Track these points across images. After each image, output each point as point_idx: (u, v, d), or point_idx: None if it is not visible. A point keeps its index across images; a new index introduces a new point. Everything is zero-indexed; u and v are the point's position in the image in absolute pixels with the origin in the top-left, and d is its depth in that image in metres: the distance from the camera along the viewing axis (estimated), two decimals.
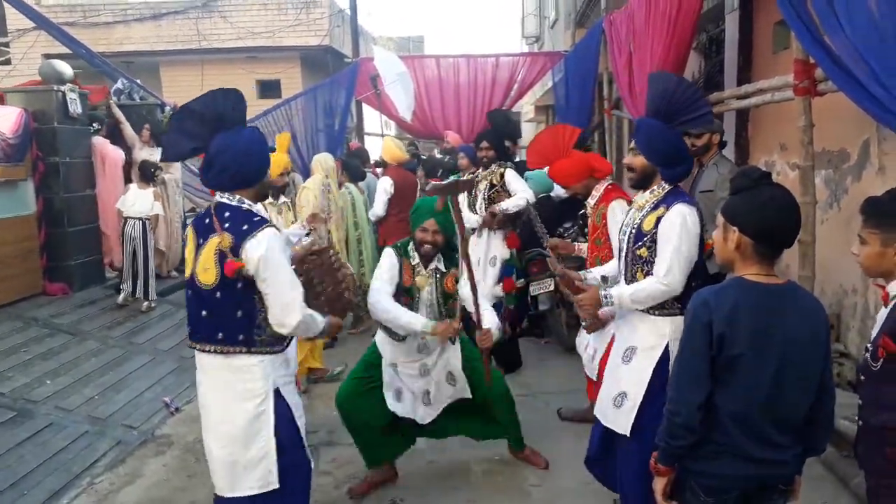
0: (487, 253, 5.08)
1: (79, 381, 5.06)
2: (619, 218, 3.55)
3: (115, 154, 7.63)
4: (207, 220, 2.57)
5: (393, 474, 3.69)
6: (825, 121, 3.94)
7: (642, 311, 2.76)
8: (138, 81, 8.89)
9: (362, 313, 6.35)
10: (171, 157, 2.80)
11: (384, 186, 6.33)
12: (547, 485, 3.60)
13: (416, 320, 3.27)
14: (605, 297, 2.83)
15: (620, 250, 2.97)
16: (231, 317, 2.53)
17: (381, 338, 3.54)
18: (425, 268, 3.44)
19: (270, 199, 4.49)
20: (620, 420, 2.78)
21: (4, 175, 6.37)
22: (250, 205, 2.59)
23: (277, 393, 2.59)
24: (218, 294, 2.52)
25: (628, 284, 2.87)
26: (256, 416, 2.55)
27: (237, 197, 2.58)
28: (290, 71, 14.83)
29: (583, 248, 4.01)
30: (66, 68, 7.07)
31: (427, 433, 3.72)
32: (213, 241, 2.51)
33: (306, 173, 7.79)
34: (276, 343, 2.61)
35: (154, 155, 7.39)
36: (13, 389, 4.73)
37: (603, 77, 7.88)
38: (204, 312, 2.56)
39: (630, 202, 3.21)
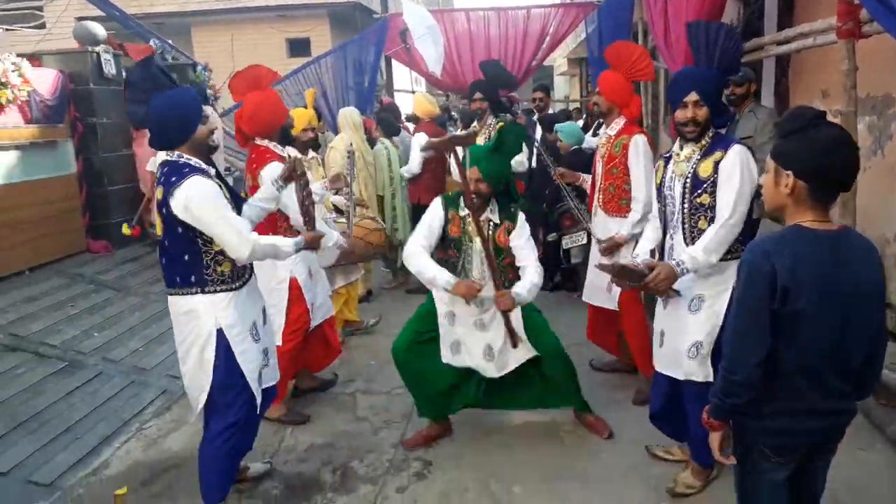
0: None
1: (124, 335, 5.24)
2: (642, 150, 3.77)
3: None
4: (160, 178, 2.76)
5: (448, 428, 3.68)
6: (869, 65, 3.81)
7: None
8: (170, 42, 8.93)
9: (398, 269, 6.40)
10: (135, 124, 2.98)
11: (420, 143, 6.23)
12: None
13: (440, 276, 3.22)
14: (679, 266, 2.76)
15: (666, 206, 2.95)
16: (180, 260, 2.74)
17: (435, 292, 3.46)
18: (476, 219, 3.29)
19: (299, 155, 4.52)
20: (700, 369, 2.79)
21: (44, 136, 6.52)
22: (188, 158, 2.75)
23: (220, 333, 2.77)
24: (167, 242, 2.76)
25: (688, 237, 2.84)
26: (200, 354, 2.78)
27: (177, 153, 2.76)
28: (319, 29, 14.74)
29: (587, 178, 4.23)
30: (99, 30, 7.15)
31: (490, 404, 3.61)
32: (158, 196, 2.72)
33: (337, 131, 7.80)
34: (231, 280, 2.80)
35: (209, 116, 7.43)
36: (63, 342, 4.93)
37: (638, 27, 7.68)
38: (164, 260, 2.81)
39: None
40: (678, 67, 5.72)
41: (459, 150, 3.69)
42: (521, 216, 3.39)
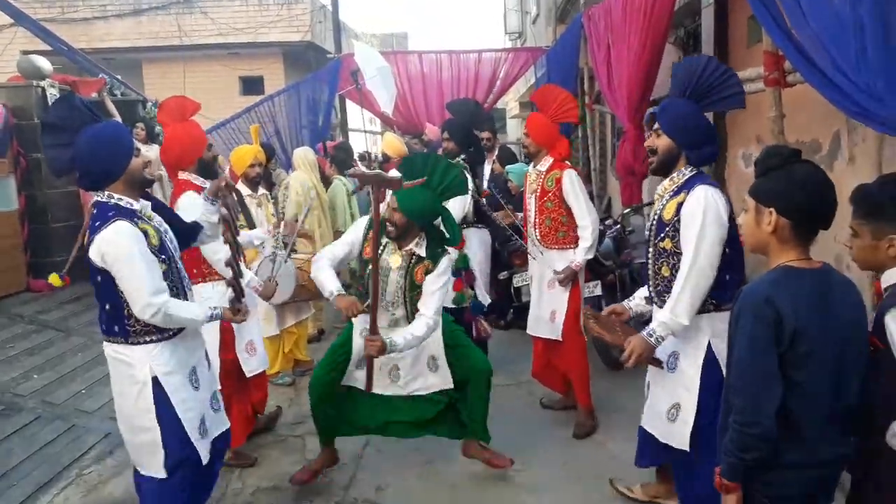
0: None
1: (65, 376, 5.09)
2: (577, 181, 3.94)
3: None
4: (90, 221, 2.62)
5: (335, 457, 3.62)
6: (797, 112, 4.04)
7: None
8: (119, 77, 8.86)
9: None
10: (57, 172, 2.71)
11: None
12: (530, 470, 3.68)
13: (326, 285, 3.24)
14: (651, 335, 2.61)
15: (647, 247, 2.83)
16: (104, 309, 2.59)
17: None
18: (400, 248, 3.28)
19: (249, 192, 4.51)
20: (676, 434, 2.67)
21: None
22: (119, 198, 2.58)
23: (156, 381, 2.59)
24: (94, 289, 2.61)
25: (651, 285, 2.75)
26: (136, 403, 2.59)
27: (107, 193, 2.58)
28: (272, 67, 14.78)
29: (519, 215, 4.40)
30: (44, 63, 7.07)
31: (385, 431, 3.55)
32: (85, 241, 2.59)
33: (291, 169, 7.81)
34: (157, 332, 2.60)
35: (150, 153, 7.35)
36: (0, 384, 4.75)
37: (584, 72, 7.96)
38: (96, 306, 2.65)
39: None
40: (621, 111, 5.97)
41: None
42: (445, 263, 3.28)
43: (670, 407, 2.70)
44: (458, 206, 4.42)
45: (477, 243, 4.97)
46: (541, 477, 3.61)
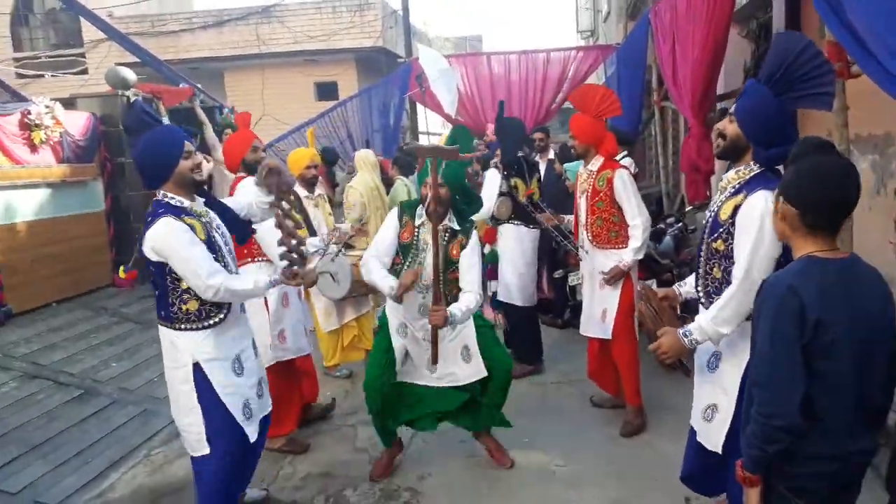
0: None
1: (140, 365, 5.41)
2: (628, 181, 3.90)
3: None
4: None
5: (400, 447, 3.77)
6: (868, 104, 3.85)
7: None
8: (199, 85, 9.32)
9: None
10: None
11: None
12: (574, 465, 3.67)
13: (382, 283, 3.30)
14: (686, 336, 2.44)
15: (700, 241, 2.65)
16: (156, 296, 2.81)
17: (388, 304, 3.54)
18: (434, 226, 3.33)
19: (306, 193, 4.69)
20: (711, 435, 2.56)
21: (75, 175, 6.85)
22: (171, 197, 2.77)
23: (197, 367, 2.76)
24: (150, 277, 2.84)
25: (700, 282, 2.60)
26: (181, 385, 2.79)
27: (162, 192, 2.79)
28: (346, 72, 15.17)
29: (569, 218, 4.36)
30: (129, 74, 7.51)
31: (415, 424, 3.68)
32: None
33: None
34: (198, 320, 2.78)
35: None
36: (82, 371, 5.12)
37: (652, 69, 7.82)
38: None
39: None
40: (685, 107, 5.83)
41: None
42: (475, 237, 3.43)
43: (707, 407, 2.61)
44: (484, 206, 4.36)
45: (512, 240, 4.96)
46: (585, 473, 3.59)
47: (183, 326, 2.77)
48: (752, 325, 1.92)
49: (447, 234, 3.37)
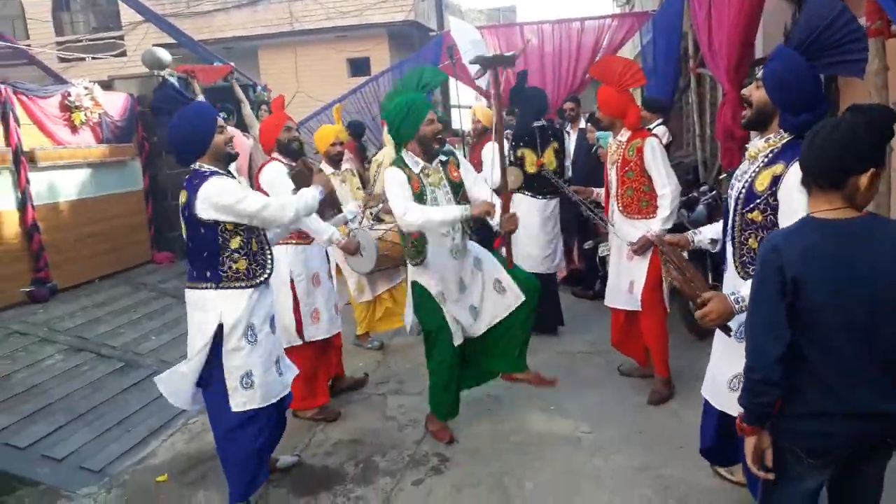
0: None
1: (178, 338, 5.56)
2: (658, 149, 3.86)
3: (243, 142, 7.01)
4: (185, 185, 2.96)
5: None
6: None
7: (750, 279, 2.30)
8: (232, 64, 9.43)
9: None
10: (163, 149, 3.21)
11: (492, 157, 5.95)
12: (600, 433, 3.68)
13: (450, 212, 3.32)
14: (738, 303, 2.29)
15: (727, 210, 2.57)
16: (200, 258, 2.92)
17: (413, 274, 3.58)
18: (431, 164, 3.47)
19: (332, 170, 4.74)
20: (737, 405, 2.50)
21: (115, 155, 7.01)
22: (208, 167, 2.92)
23: (220, 329, 2.89)
24: (190, 242, 2.95)
25: (737, 254, 2.51)
26: (201, 344, 2.93)
27: (198, 164, 2.94)
28: (378, 48, 15.14)
29: (600, 191, 4.35)
30: (164, 55, 7.62)
31: (469, 383, 3.80)
32: (182, 200, 2.92)
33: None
34: (246, 278, 2.94)
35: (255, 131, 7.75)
36: (123, 344, 5.30)
37: (688, 37, 7.64)
38: (188, 258, 3.00)
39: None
40: (721, 74, 5.69)
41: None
42: (458, 154, 3.65)
43: (733, 377, 2.56)
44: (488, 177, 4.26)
45: (526, 211, 4.87)
46: (611, 440, 3.60)
47: (228, 285, 2.90)
48: None
49: (440, 164, 3.50)
